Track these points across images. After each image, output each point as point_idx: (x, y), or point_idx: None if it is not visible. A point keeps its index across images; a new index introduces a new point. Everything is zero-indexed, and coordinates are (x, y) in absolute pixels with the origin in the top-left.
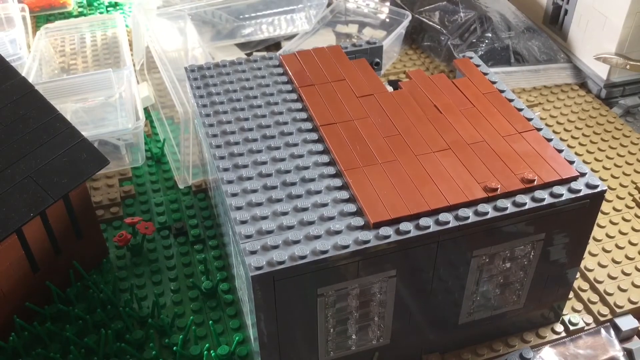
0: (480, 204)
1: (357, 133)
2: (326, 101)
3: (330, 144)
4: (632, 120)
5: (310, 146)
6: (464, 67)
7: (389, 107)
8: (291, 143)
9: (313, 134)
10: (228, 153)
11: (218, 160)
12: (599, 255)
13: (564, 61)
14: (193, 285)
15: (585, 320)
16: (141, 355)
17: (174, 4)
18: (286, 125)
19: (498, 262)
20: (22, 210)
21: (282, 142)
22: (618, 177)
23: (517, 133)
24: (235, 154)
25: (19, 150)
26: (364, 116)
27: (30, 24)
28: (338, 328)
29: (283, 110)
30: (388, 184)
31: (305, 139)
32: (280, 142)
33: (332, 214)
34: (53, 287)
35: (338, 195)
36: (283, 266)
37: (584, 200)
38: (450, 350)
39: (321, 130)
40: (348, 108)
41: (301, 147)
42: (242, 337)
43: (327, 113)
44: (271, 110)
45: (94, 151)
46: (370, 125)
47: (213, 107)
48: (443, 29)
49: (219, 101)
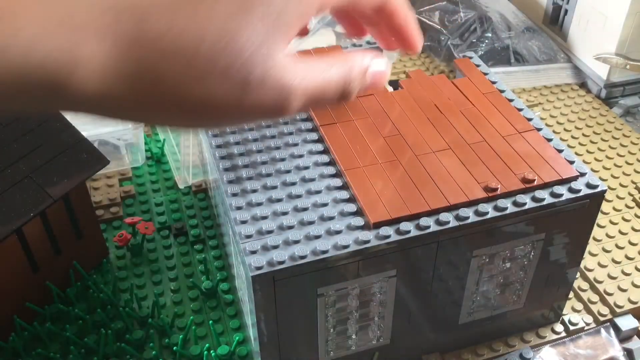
0: (480, 204)
1: (357, 133)
2: None
3: (330, 144)
4: (632, 120)
5: (310, 146)
6: (464, 67)
7: (389, 107)
8: (291, 143)
9: (313, 134)
10: (228, 153)
11: (218, 160)
12: (599, 255)
13: (564, 61)
14: (193, 285)
15: (585, 320)
16: (141, 355)
17: None
18: (286, 125)
19: (498, 262)
20: (22, 210)
21: (282, 142)
22: (618, 177)
23: (517, 133)
24: (236, 154)
25: (19, 150)
26: (364, 116)
27: None
28: (338, 328)
29: None
30: (388, 184)
31: (305, 139)
32: (280, 142)
33: (332, 214)
34: (53, 287)
35: (338, 195)
36: (283, 266)
37: (584, 200)
38: (450, 350)
39: (321, 130)
40: (348, 108)
41: (301, 147)
42: (242, 337)
43: (327, 113)
44: None
45: (94, 151)
46: (370, 125)
47: None
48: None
49: None
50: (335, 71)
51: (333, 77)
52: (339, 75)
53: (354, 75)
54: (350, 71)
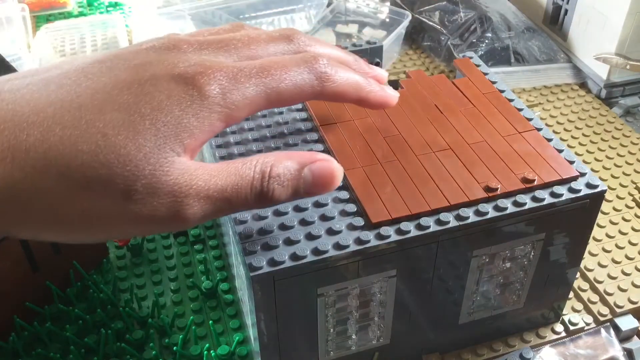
0: (480, 203)
1: (357, 133)
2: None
3: (330, 144)
4: (632, 120)
5: (310, 146)
6: (464, 67)
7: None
8: (291, 143)
9: (313, 134)
10: (228, 153)
11: (218, 160)
12: (599, 255)
13: (564, 61)
14: (193, 285)
15: (585, 320)
16: (141, 355)
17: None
18: (286, 125)
19: (498, 262)
20: None
21: (282, 142)
22: (618, 177)
23: (517, 133)
24: (236, 154)
25: None
26: (364, 116)
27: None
28: (338, 328)
29: (283, 110)
30: (388, 184)
31: (305, 139)
32: (281, 142)
33: (332, 213)
34: (53, 287)
35: (338, 195)
36: (283, 266)
37: (584, 200)
38: (450, 350)
39: (321, 130)
40: (348, 108)
41: (301, 147)
42: (242, 337)
43: (327, 113)
44: (271, 110)
45: None
46: (370, 125)
47: None
48: (443, 29)
49: None
50: (247, 169)
51: (245, 176)
52: (250, 175)
53: (274, 172)
54: (266, 168)
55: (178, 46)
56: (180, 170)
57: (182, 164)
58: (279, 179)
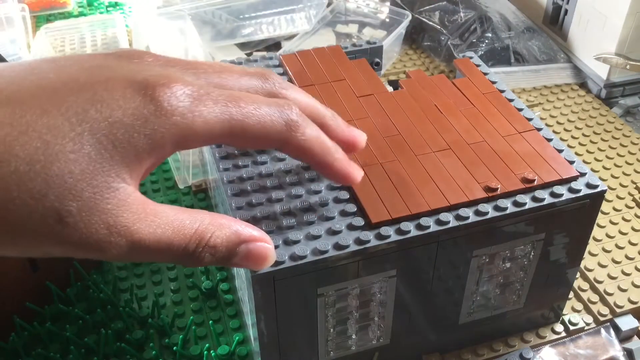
0: (480, 203)
1: None
2: (326, 101)
3: None
4: (632, 120)
5: None
6: (464, 67)
7: (389, 107)
8: None
9: None
10: (228, 153)
11: (218, 160)
12: (599, 255)
13: (564, 61)
14: (193, 285)
15: (585, 320)
16: (141, 355)
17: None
18: None
19: (498, 262)
20: None
21: None
22: (618, 177)
23: (517, 133)
24: (236, 154)
25: None
26: (364, 116)
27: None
28: (338, 328)
29: None
30: (388, 184)
31: None
32: None
33: (332, 214)
34: (53, 287)
35: (338, 195)
36: (283, 266)
37: (584, 200)
38: (450, 350)
39: None
40: (348, 108)
41: None
42: (242, 337)
43: None
44: None
45: None
46: (370, 125)
47: None
48: (443, 29)
49: None
50: (188, 229)
51: (184, 236)
52: (188, 235)
53: (212, 242)
54: (205, 235)
55: (143, 58)
56: (121, 201)
57: (126, 195)
58: (213, 250)
